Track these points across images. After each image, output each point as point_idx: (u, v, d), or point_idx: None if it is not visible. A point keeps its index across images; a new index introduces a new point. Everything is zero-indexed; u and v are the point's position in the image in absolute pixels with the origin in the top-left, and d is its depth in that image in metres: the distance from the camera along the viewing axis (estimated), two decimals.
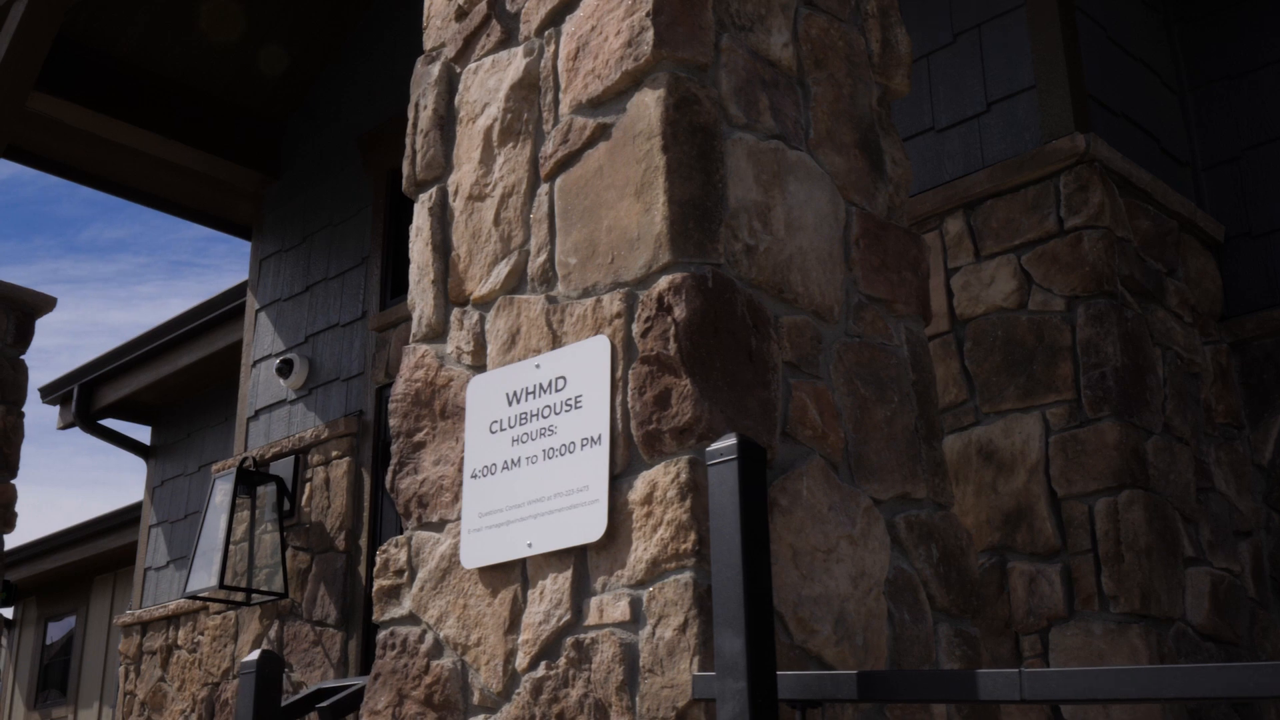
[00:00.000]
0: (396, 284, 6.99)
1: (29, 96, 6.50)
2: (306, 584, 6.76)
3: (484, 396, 2.76)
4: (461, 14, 3.19)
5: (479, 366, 2.83)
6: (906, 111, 4.86)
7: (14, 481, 6.23)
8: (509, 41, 3.04)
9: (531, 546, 2.53)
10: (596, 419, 2.50)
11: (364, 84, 7.57)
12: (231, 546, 6.84)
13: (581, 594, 2.44)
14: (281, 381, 7.34)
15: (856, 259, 2.90)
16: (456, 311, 2.93)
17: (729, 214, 2.60)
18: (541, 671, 2.44)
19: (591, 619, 2.40)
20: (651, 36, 2.63)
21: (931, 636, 2.68)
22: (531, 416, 2.64)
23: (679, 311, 2.44)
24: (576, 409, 2.55)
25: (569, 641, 2.42)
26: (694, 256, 2.51)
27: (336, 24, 7.72)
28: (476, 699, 2.57)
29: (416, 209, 3.14)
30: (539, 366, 2.66)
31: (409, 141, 3.21)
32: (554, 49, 2.90)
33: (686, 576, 2.27)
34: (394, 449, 2.95)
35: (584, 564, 2.46)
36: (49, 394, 10.47)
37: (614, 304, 2.56)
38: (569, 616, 2.44)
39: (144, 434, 10.57)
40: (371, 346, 6.89)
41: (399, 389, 2.98)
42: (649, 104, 2.62)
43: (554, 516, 2.51)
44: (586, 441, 2.51)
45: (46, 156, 7.95)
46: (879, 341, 2.87)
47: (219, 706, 7.06)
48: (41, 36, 6.22)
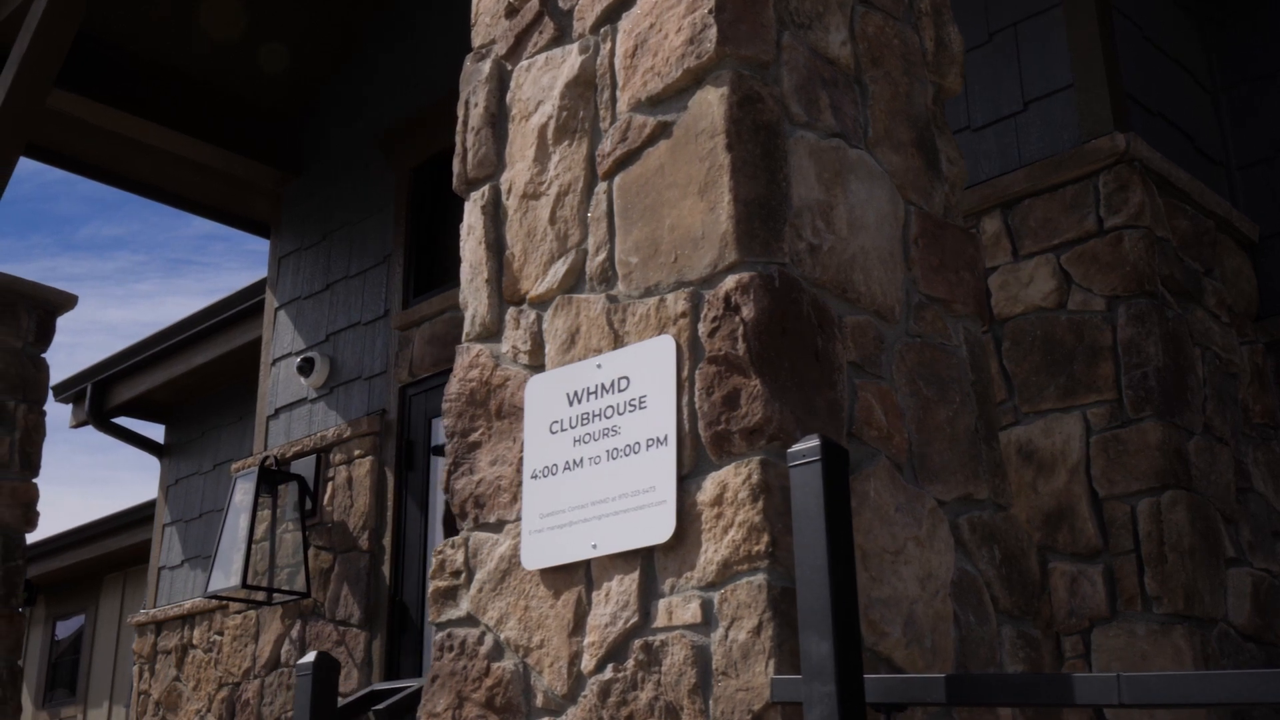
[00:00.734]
0: (420, 282, 6.97)
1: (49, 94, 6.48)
2: (329, 584, 6.74)
3: (543, 396, 2.73)
4: (512, 11, 3.17)
5: (537, 366, 2.81)
6: None
7: (35, 480, 6.20)
8: (562, 39, 3.02)
9: (596, 548, 2.51)
10: (662, 419, 2.48)
11: (384, 81, 7.54)
12: (252, 546, 6.81)
13: (649, 596, 2.42)
14: (302, 380, 7.31)
15: (916, 258, 2.88)
16: (512, 311, 2.91)
17: (792, 213, 2.58)
18: (609, 674, 2.42)
19: (660, 621, 2.38)
20: (714, 34, 2.61)
21: (996, 638, 2.66)
22: (594, 417, 2.62)
23: (747, 311, 2.42)
24: (641, 409, 2.53)
25: (637, 644, 2.40)
26: (760, 256, 2.49)
27: (356, 20, 7.70)
28: (540, 701, 2.55)
29: (468, 207, 3.12)
30: (600, 366, 2.64)
31: (459, 139, 3.19)
32: (610, 46, 2.88)
33: (760, 579, 2.25)
34: (448, 449, 2.93)
35: (651, 565, 2.44)
36: (61, 392, 10.44)
37: (678, 303, 2.54)
38: (636, 618, 2.42)
39: (157, 432, 10.56)
40: (394, 345, 6.87)
41: (453, 388, 2.96)
42: (711, 102, 2.60)
43: (619, 518, 2.49)
44: (652, 442, 2.49)
45: (63, 153, 7.91)
46: (939, 341, 2.85)
47: (240, 706, 7.04)
48: (62, 34, 6.19)
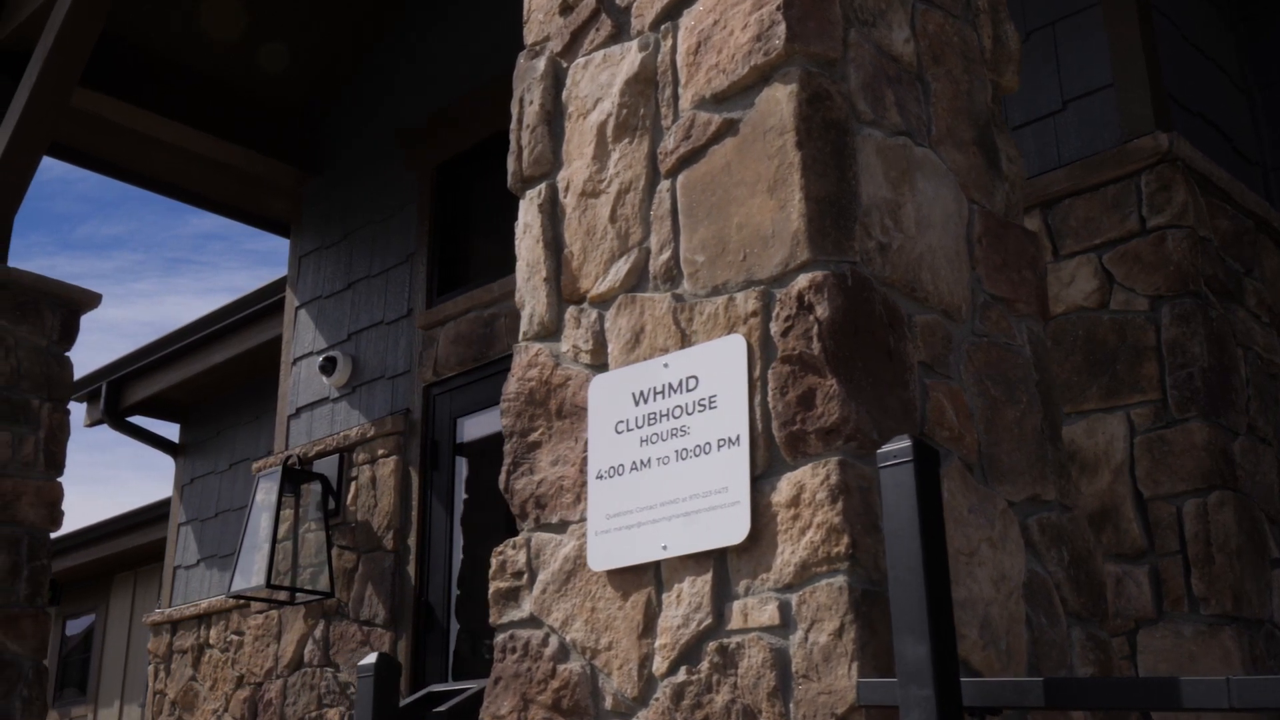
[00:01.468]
0: (443, 281, 6.95)
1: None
2: (353, 583, 6.72)
3: (607, 396, 2.71)
4: (567, 8, 3.14)
5: (599, 365, 2.79)
6: None
7: (60, 480, 6.18)
8: (620, 36, 3.00)
9: (667, 549, 2.49)
10: (734, 419, 2.46)
11: (406, 78, 7.52)
12: (276, 545, 6.79)
13: (722, 597, 2.40)
14: (324, 379, 7.29)
15: (979, 258, 2.86)
16: (571, 310, 2.89)
17: (861, 211, 2.56)
18: (682, 676, 2.40)
19: (735, 623, 2.36)
20: (783, 30, 2.58)
21: (1066, 640, 2.64)
22: (661, 416, 2.59)
23: (821, 310, 2.40)
24: (711, 409, 2.51)
25: (711, 646, 2.37)
26: (832, 254, 2.46)
27: (376, 18, 7.67)
28: (609, 704, 2.52)
29: (523, 205, 3.09)
30: (667, 365, 2.62)
31: (513, 137, 3.17)
32: (671, 43, 2.86)
33: (840, 580, 2.23)
34: (506, 449, 2.91)
35: (724, 567, 2.41)
36: (76, 391, 10.42)
37: (748, 302, 2.52)
38: (710, 620, 2.39)
39: (172, 431, 10.54)
40: (418, 344, 6.85)
41: (511, 388, 2.94)
42: (780, 99, 2.58)
43: (691, 518, 2.47)
44: (723, 442, 2.46)
45: (80, 150, 7.89)
46: (1004, 341, 2.83)
47: (262, 706, 7.02)
48: (87, 33, 6.17)
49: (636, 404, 2.65)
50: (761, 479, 2.40)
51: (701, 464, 2.49)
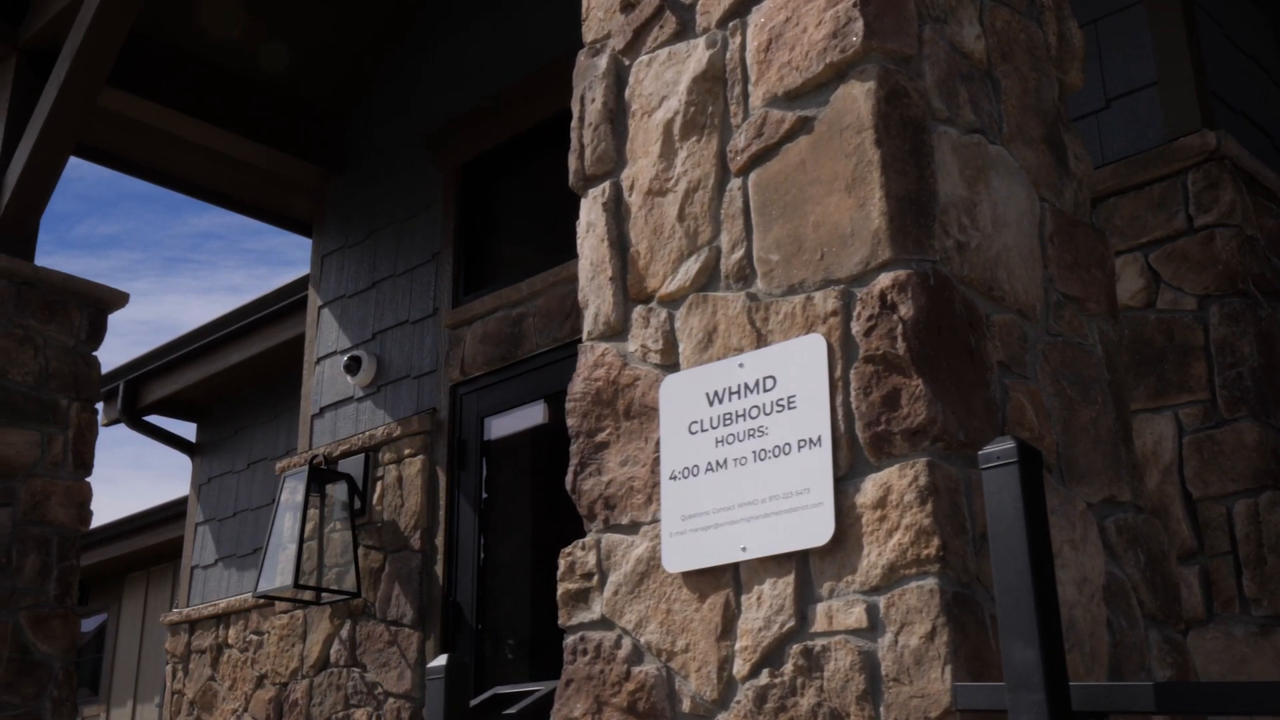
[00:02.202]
0: (470, 280, 6.92)
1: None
2: (380, 583, 6.69)
3: (680, 396, 2.69)
4: (628, 6, 3.12)
5: (669, 365, 2.76)
6: None
7: (88, 480, 6.15)
8: (684, 34, 2.97)
9: (746, 550, 2.47)
10: (815, 420, 2.43)
11: (430, 78, 7.49)
12: (302, 545, 6.76)
13: (805, 599, 2.37)
14: (349, 378, 7.26)
15: (1051, 256, 2.84)
16: (639, 309, 2.86)
17: (939, 209, 2.54)
18: (765, 679, 2.38)
19: (819, 625, 2.33)
20: (861, 27, 2.56)
21: (1144, 643, 2.62)
22: (737, 417, 2.57)
23: (905, 309, 2.37)
24: (790, 409, 2.49)
25: (795, 649, 2.35)
26: (913, 253, 2.44)
27: (401, 17, 7.64)
28: (687, 707, 2.50)
29: (586, 204, 3.07)
30: (743, 365, 2.59)
31: (574, 136, 3.14)
32: (740, 41, 2.84)
33: (930, 583, 2.20)
34: (573, 449, 2.89)
35: (806, 569, 2.39)
36: None
37: (827, 301, 2.49)
38: (793, 622, 2.37)
39: (188, 430, 10.51)
40: (444, 344, 6.82)
41: (577, 388, 2.92)
42: (857, 96, 2.56)
43: (771, 520, 2.45)
44: (804, 443, 2.44)
45: (99, 148, 7.85)
46: (1077, 341, 2.80)
47: (288, 707, 6.99)
48: (116, 31, 6.13)
49: (711, 404, 2.62)
50: (844, 480, 2.38)
51: (781, 465, 2.47)
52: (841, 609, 2.31)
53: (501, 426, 6.59)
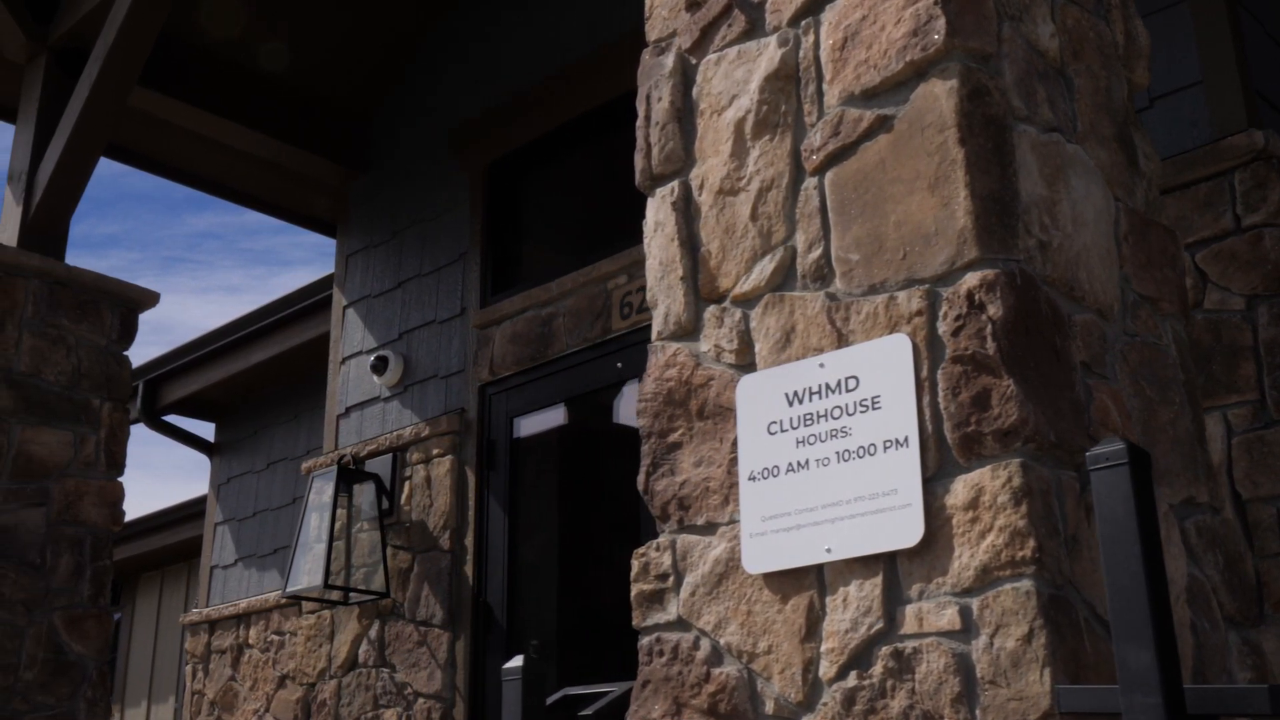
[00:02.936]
0: (498, 280, 6.90)
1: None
2: (408, 584, 6.68)
3: (758, 396, 2.67)
4: (694, 4, 3.11)
5: (744, 365, 2.75)
6: None
7: (120, 479, 6.13)
8: (754, 32, 2.96)
9: (831, 552, 2.45)
10: (901, 420, 2.42)
11: (456, 76, 7.47)
12: (332, 545, 6.75)
13: (893, 601, 2.36)
14: (375, 378, 7.25)
15: (1126, 256, 2.82)
16: (712, 309, 2.85)
17: (1021, 209, 2.52)
18: (852, 681, 2.37)
19: (909, 627, 2.32)
20: (943, 25, 2.55)
21: (1225, 645, 2.61)
22: (819, 417, 2.56)
23: (993, 309, 2.36)
24: (874, 410, 2.47)
25: (884, 651, 2.34)
26: (999, 253, 2.43)
27: (426, 14, 7.63)
28: (770, 708, 2.49)
29: (653, 204, 3.06)
30: (823, 366, 2.58)
31: (640, 134, 3.13)
32: (813, 39, 2.82)
33: (1026, 585, 2.19)
34: (645, 449, 2.87)
35: (894, 570, 2.38)
36: None
37: (911, 301, 2.48)
38: (881, 624, 2.36)
39: (206, 430, 10.49)
40: (472, 344, 6.81)
41: (648, 388, 2.90)
42: (939, 95, 2.54)
43: (856, 521, 2.43)
44: (890, 444, 2.43)
45: (120, 146, 7.83)
46: (1153, 341, 2.79)
47: (316, 707, 6.98)
48: (147, 30, 6.12)
49: (790, 404, 2.61)
50: (933, 481, 2.36)
51: (866, 465, 2.46)
52: (932, 611, 2.30)
53: (531, 426, 6.58)
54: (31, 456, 5.76)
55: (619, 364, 6.06)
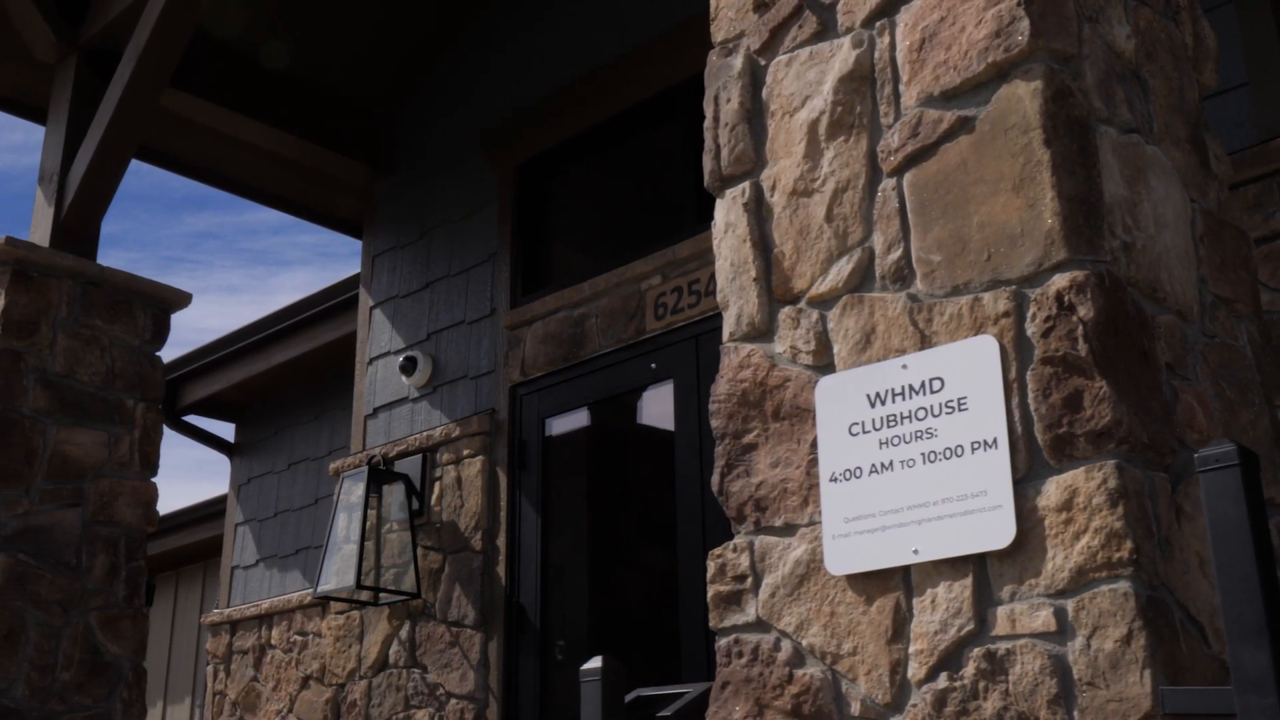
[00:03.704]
0: (528, 281, 6.90)
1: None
2: (439, 584, 6.68)
3: (838, 397, 2.67)
4: (762, 6, 3.10)
5: (822, 366, 2.75)
6: None
7: (154, 480, 6.13)
8: (826, 33, 2.96)
9: (918, 553, 2.45)
10: (989, 422, 2.42)
11: (485, 77, 7.47)
12: (364, 545, 6.74)
13: (984, 602, 2.36)
14: (404, 379, 7.24)
15: (1203, 257, 2.82)
16: (787, 310, 2.85)
17: (1105, 210, 2.52)
18: (943, 683, 2.36)
19: (1001, 629, 2.32)
20: (1026, 26, 2.55)
21: None
22: (903, 418, 2.55)
23: (1084, 310, 2.36)
24: (960, 411, 2.47)
25: (975, 652, 2.34)
26: (1086, 254, 2.43)
27: (454, 16, 7.63)
28: (856, 710, 2.48)
29: (723, 205, 3.06)
30: (906, 367, 2.58)
31: (708, 136, 3.13)
32: (889, 40, 2.82)
33: (1124, 586, 2.19)
34: (719, 450, 2.87)
35: (984, 571, 2.38)
36: None
37: (998, 303, 2.48)
38: (971, 626, 2.36)
39: (227, 430, 10.49)
40: (502, 344, 6.80)
41: (721, 389, 2.90)
42: (1022, 96, 2.54)
43: (944, 522, 2.43)
44: (978, 445, 2.43)
45: (147, 146, 7.82)
46: (1230, 342, 2.79)
47: (346, 707, 6.97)
48: (180, 30, 6.11)
49: (872, 405, 2.61)
50: (1023, 482, 2.36)
51: (953, 467, 2.45)
52: (1025, 612, 2.30)
53: (563, 426, 6.57)
54: (67, 457, 5.76)
55: (652, 364, 6.06)
